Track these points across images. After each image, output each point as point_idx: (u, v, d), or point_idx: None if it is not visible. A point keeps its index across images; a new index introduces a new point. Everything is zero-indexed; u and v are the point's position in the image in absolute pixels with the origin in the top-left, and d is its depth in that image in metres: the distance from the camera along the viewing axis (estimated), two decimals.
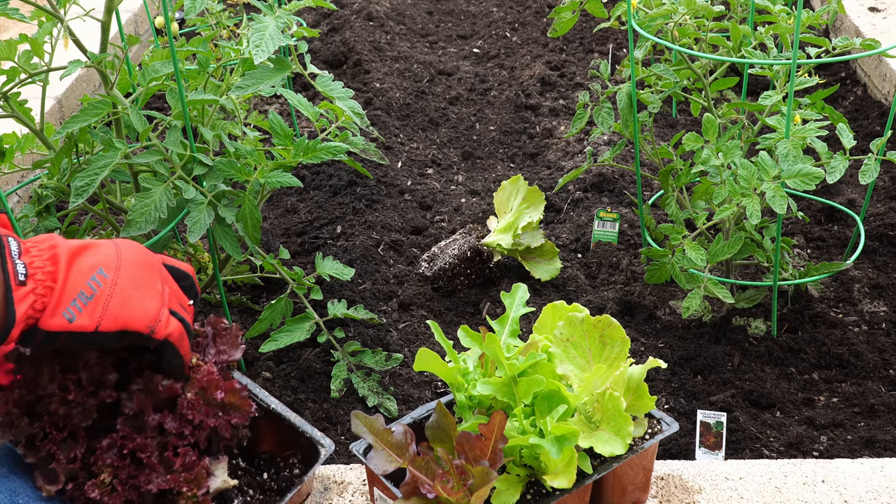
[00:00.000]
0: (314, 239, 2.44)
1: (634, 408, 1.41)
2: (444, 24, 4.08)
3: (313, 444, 1.34)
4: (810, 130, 1.79)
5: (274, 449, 1.38)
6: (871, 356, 1.96)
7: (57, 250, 1.10)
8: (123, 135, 1.75)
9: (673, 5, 1.93)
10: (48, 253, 1.10)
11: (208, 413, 1.23)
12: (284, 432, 1.36)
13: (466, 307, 2.19)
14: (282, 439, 1.37)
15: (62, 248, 1.11)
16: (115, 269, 1.13)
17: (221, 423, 1.23)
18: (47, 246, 1.11)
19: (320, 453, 1.33)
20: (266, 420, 1.36)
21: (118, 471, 1.16)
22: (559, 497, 1.30)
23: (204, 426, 1.22)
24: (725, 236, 1.99)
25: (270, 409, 1.36)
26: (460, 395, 1.37)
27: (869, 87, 3.12)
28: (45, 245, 1.11)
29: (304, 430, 1.35)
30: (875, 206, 2.49)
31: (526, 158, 2.94)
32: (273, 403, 1.37)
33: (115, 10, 1.65)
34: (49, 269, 1.08)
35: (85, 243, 1.14)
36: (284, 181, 1.70)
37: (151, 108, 3.06)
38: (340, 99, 1.81)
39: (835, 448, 1.74)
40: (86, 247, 1.13)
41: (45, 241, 1.11)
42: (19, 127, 2.48)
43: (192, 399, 1.22)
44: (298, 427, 1.35)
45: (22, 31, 3.14)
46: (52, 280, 1.07)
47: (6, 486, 1.15)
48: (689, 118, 3.06)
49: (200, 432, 1.22)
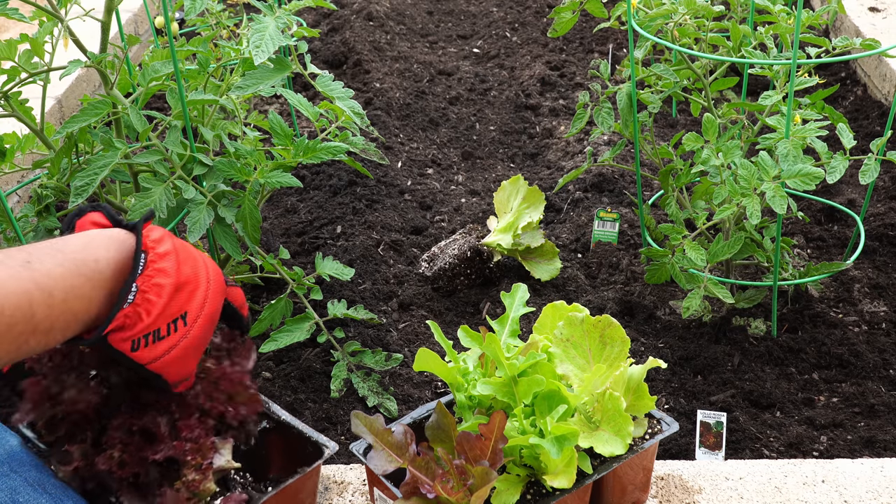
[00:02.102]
0: (314, 239, 2.44)
1: (634, 408, 1.41)
2: (444, 24, 4.08)
3: (318, 449, 1.35)
4: (810, 130, 1.79)
5: (282, 470, 1.39)
6: (871, 356, 1.96)
7: (165, 279, 1.12)
8: (123, 135, 1.75)
9: (673, 5, 1.93)
10: (157, 278, 1.11)
11: (217, 400, 1.26)
12: (292, 444, 1.38)
13: (466, 307, 2.19)
14: (290, 454, 1.39)
15: (170, 273, 1.12)
16: (193, 320, 1.15)
17: (230, 413, 1.26)
18: (160, 269, 1.12)
19: (324, 452, 1.34)
20: (276, 434, 1.38)
21: (128, 446, 1.19)
22: (559, 497, 1.30)
23: (212, 412, 1.25)
24: (725, 236, 1.99)
25: (281, 419, 1.39)
26: (460, 395, 1.37)
27: (869, 87, 3.12)
28: (160, 266, 1.12)
29: (309, 436, 1.37)
30: (875, 206, 2.49)
31: (526, 158, 2.94)
32: (283, 414, 1.40)
33: (115, 10, 1.65)
34: (151, 297, 1.10)
35: (188, 277, 1.15)
36: (284, 181, 1.70)
37: (151, 108, 3.06)
38: (340, 99, 1.81)
39: (835, 448, 1.74)
40: (186, 283, 1.15)
41: (162, 260, 1.12)
42: (20, 127, 2.48)
43: (202, 389, 1.26)
44: (305, 433, 1.37)
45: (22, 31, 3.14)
46: (145, 311, 1.10)
47: (6, 485, 1.16)
48: (689, 118, 3.06)
49: (208, 419, 1.24)
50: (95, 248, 1.08)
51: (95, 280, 1.07)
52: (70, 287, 1.03)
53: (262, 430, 1.38)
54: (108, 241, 1.10)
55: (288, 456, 1.40)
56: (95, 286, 1.07)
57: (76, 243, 1.08)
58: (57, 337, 1.04)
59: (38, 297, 0.99)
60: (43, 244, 1.06)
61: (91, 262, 1.06)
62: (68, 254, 1.05)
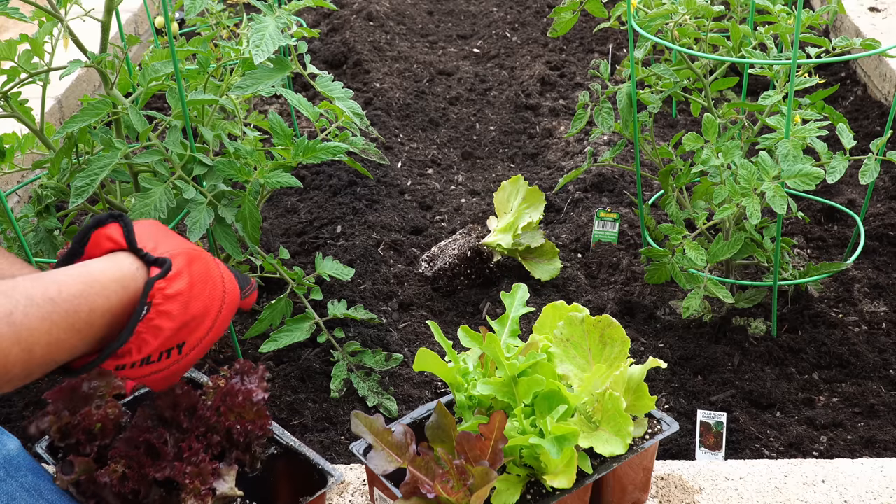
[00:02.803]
0: (314, 239, 2.44)
1: (634, 408, 1.41)
2: (444, 24, 4.08)
3: (324, 477, 1.33)
4: (810, 130, 1.79)
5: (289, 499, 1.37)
6: (871, 356, 1.96)
7: (167, 323, 1.08)
8: (123, 135, 1.75)
9: (673, 5, 1.93)
10: (158, 321, 1.07)
11: (224, 413, 1.25)
12: (299, 471, 1.37)
13: (466, 307, 2.19)
14: (296, 481, 1.37)
15: (173, 317, 1.08)
16: (190, 349, 1.12)
17: (236, 429, 1.25)
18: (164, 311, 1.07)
19: (328, 481, 1.32)
20: (284, 461, 1.37)
21: (131, 460, 1.19)
22: (559, 497, 1.30)
23: (219, 428, 1.24)
24: (725, 236, 1.99)
25: (288, 445, 1.38)
26: (460, 395, 1.37)
27: (869, 87, 3.12)
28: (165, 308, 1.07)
29: (315, 462, 1.35)
30: (875, 206, 2.49)
31: (526, 158, 2.94)
32: (291, 440, 1.39)
33: (115, 10, 1.65)
34: (146, 338, 1.07)
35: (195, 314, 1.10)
36: (284, 181, 1.70)
37: (151, 108, 3.06)
38: (340, 99, 1.81)
39: (835, 448, 1.74)
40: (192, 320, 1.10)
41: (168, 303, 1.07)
42: (19, 127, 2.48)
43: (211, 404, 1.26)
44: (311, 459, 1.35)
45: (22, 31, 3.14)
46: (137, 349, 1.07)
47: (2, 491, 1.15)
48: (689, 118, 3.06)
49: (213, 435, 1.24)
50: (95, 295, 1.02)
51: (85, 333, 1.01)
52: (55, 341, 0.98)
53: (269, 456, 1.36)
54: (110, 287, 1.04)
55: (294, 484, 1.37)
56: (84, 338, 1.02)
57: (73, 288, 1.01)
58: (32, 378, 0.99)
59: (16, 355, 0.94)
60: (38, 285, 0.99)
61: (84, 313, 1.00)
62: (60, 304, 0.98)
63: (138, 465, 1.19)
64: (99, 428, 1.24)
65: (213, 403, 1.26)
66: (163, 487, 1.21)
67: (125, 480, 1.18)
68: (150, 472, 1.18)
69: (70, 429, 1.24)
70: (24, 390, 1.92)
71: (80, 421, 1.23)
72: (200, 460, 1.20)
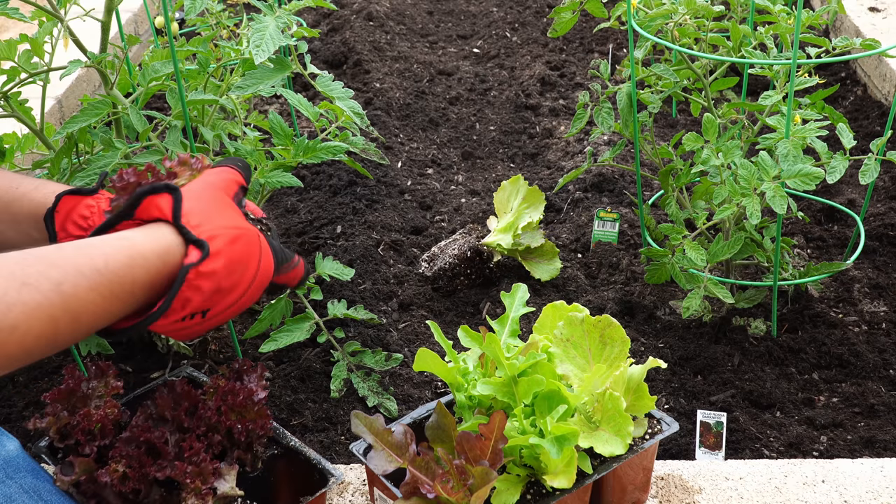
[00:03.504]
0: (314, 239, 2.44)
1: (634, 408, 1.41)
2: (444, 24, 4.08)
3: (324, 476, 1.34)
4: (810, 130, 1.79)
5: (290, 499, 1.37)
6: (871, 356, 1.96)
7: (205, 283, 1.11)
8: (123, 135, 1.75)
9: (673, 5, 1.93)
10: (199, 281, 1.11)
11: (224, 413, 1.26)
12: (300, 471, 1.37)
13: (466, 307, 2.19)
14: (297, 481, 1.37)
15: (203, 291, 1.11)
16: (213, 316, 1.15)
17: (237, 428, 1.25)
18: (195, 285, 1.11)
19: (328, 480, 1.33)
20: (285, 461, 1.37)
21: (132, 460, 1.19)
22: (559, 497, 1.30)
23: (220, 427, 1.24)
24: (725, 236, 1.99)
25: (290, 445, 1.38)
26: (460, 395, 1.37)
27: (869, 87, 3.12)
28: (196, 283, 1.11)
29: (316, 462, 1.35)
30: (875, 206, 2.49)
31: (526, 158, 2.94)
32: (292, 440, 1.39)
33: (115, 10, 1.65)
34: (186, 295, 1.10)
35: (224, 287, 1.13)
36: (284, 181, 1.70)
37: (151, 108, 3.06)
38: (340, 99, 1.81)
39: (835, 448, 1.74)
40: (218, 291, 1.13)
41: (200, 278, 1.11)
42: (19, 127, 2.48)
43: (212, 403, 1.27)
44: (312, 459, 1.36)
45: (22, 31, 3.14)
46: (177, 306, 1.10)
47: (1, 493, 1.15)
48: (689, 118, 3.06)
49: (214, 435, 1.24)
50: (138, 268, 1.07)
51: (126, 301, 1.07)
52: (100, 310, 1.03)
53: (270, 456, 1.36)
54: (151, 260, 1.08)
55: (295, 484, 1.37)
56: (125, 306, 1.07)
57: (119, 261, 1.05)
58: (76, 342, 1.05)
59: (64, 323, 0.99)
60: (85, 255, 1.04)
61: (128, 285, 1.06)
62: (106, 275, 1.03)
63: (139, 464, 1.19)
64: (98, 428, 1.24)
65: (213, 403, 1.26)
66: (163, 487, 1.21)
67: (126, 480, 1.18)
68: (151, 471, 1.18)
69: (69, 429, 1.24)
70: (23, 390, 1.92)
71: (79, 421, 1.23)
72: (201, 460, 1.20)
